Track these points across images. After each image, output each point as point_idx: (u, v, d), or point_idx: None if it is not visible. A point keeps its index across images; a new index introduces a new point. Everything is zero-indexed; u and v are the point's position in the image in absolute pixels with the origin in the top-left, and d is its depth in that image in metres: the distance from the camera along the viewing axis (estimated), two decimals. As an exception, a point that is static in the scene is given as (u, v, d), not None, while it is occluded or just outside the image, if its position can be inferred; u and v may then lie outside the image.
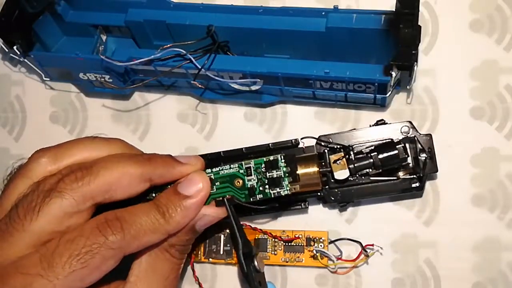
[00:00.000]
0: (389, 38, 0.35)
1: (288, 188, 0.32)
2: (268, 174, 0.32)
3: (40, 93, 0.44)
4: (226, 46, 0.38)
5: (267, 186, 0.32)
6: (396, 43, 0.33)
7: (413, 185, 0.34)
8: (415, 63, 0.32)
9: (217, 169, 0.33)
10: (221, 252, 0.37)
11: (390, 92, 0.35)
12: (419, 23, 0.33)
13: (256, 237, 0.37)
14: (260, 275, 0.31)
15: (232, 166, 0.32)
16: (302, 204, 0.35)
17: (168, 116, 0.41)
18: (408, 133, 0.34)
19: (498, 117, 0.37)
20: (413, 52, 0.32)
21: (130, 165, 0.29)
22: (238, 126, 0.40)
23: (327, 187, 0.35)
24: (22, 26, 0.39)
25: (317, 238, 0.36)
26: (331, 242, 0.36)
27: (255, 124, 0.40)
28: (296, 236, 0.36)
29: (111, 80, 0.39)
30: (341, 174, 0.33)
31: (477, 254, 0.35)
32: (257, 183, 0.32)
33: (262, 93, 0.38)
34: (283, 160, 0.32)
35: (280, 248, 0.36)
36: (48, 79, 0.42)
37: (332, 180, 0.34)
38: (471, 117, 0.37)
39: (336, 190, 0.35)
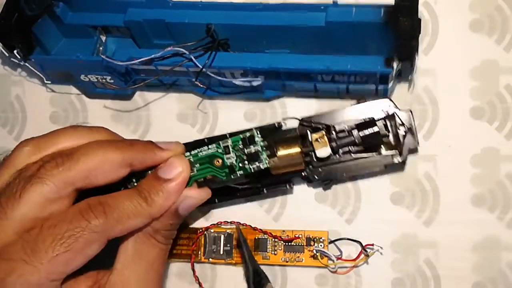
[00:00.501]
0: (389, 31, 0.35)
1: (267, 162, 0.32)
2: (246, 150, 0.33)
3: (40, 93, 0.44)
4: (226, 43, 0.38)
5: (246, 162, 0.33)
6: (396, 35, 0.33)
7: (395, 160, 0.34)
8: (416, 52, 0.32)
9: (196, 151, 0.33)
10: (221, 252, 0.37)
11: (391, 83, 0.35)
12: (418, 22, 0.33)
13: (256, 237, 0.37)
14: None
15: (210, 146, 0.33)
16: (287, 185, 0.35)
17: (168, 116, 0.41)
18: (389, 110, 0.34)
19: (498, 117, 0.37)
20: (414, 42, 0.32)
21: (111, 151, 0.29)
22: (238, 126, 0.40)
23: (310, 166, 0.35)
24: (21, 29, 0.39)
25: (317, 238, 0.36)
26: (331, 242, 0.36)
27: (255, 124, 0.40)
28: (296, 236, 0.36)
29: (112, 81, 0.39)
30: (323, 151, 0.33)
31: (477, 254, 0.35)
32: (236, 160, 0.33)
33: (263, 89, 0.38)
34: (259, 135, 0.33)
35: (280, 248, 0.36)
36: (49, 82, 0.42)
37: (315, 160, 0.34)
38: (471, 117, 0.37)
39: (319, 169, 0.35)
